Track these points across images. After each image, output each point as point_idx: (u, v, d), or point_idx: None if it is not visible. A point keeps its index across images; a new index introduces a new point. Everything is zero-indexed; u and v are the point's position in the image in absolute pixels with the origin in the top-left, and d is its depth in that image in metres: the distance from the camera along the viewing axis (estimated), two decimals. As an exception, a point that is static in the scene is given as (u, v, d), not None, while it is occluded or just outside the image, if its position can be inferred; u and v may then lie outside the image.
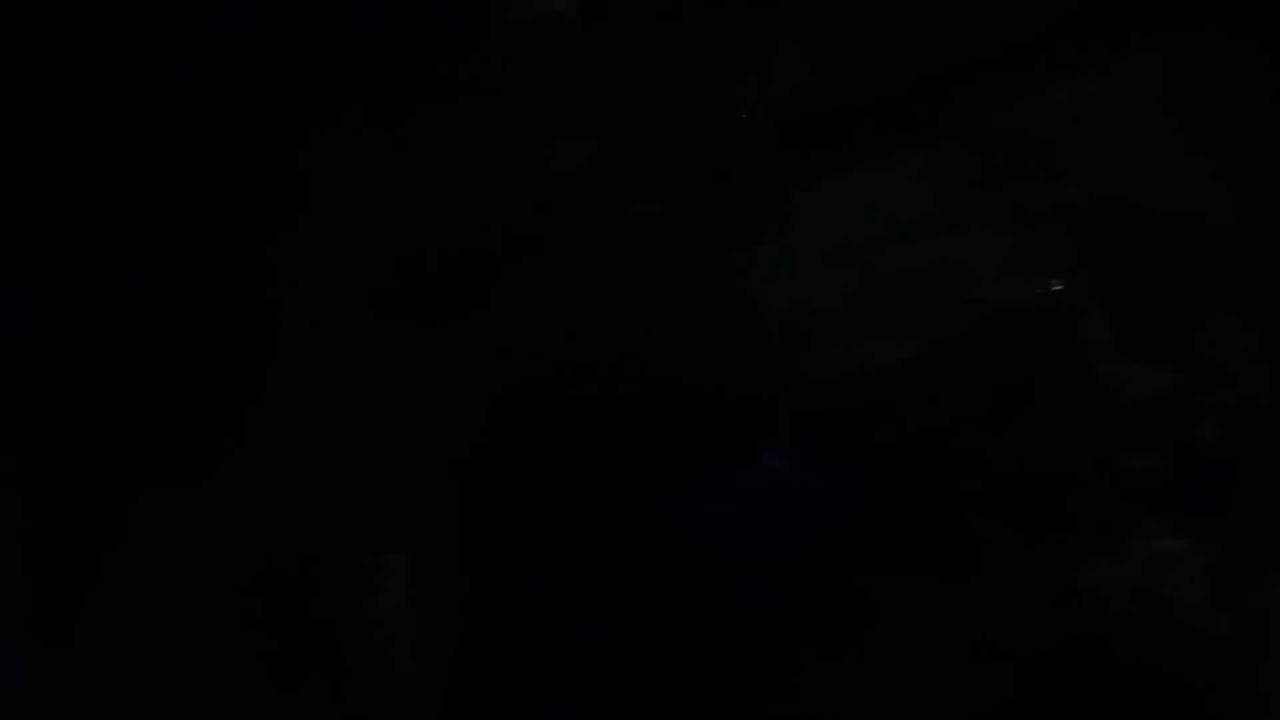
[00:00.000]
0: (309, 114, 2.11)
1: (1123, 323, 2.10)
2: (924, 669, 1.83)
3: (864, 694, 1.82)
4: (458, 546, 1.97)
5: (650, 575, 1.86)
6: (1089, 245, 2.11)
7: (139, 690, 1.92)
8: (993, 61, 2.25)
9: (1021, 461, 1.96)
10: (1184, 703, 1.80)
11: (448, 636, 1.94)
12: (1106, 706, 1.82)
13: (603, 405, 1.96)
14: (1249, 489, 1.94)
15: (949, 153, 2.26)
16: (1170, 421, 1.99)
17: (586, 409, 1.96)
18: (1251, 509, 1.92)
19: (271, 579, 1.95)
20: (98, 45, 2.09)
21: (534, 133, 2.15)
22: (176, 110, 2.10)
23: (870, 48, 2.19)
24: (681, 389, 1.97)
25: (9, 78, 2.11)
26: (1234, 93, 2.25)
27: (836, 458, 1.92)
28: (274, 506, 2.00)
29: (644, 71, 2.17)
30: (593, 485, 1.91)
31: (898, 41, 2.18)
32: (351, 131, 2.12)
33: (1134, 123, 2.26)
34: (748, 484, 1.88)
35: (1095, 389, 2.04)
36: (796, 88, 2.17)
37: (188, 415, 2.04)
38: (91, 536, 2.01)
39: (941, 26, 2.17)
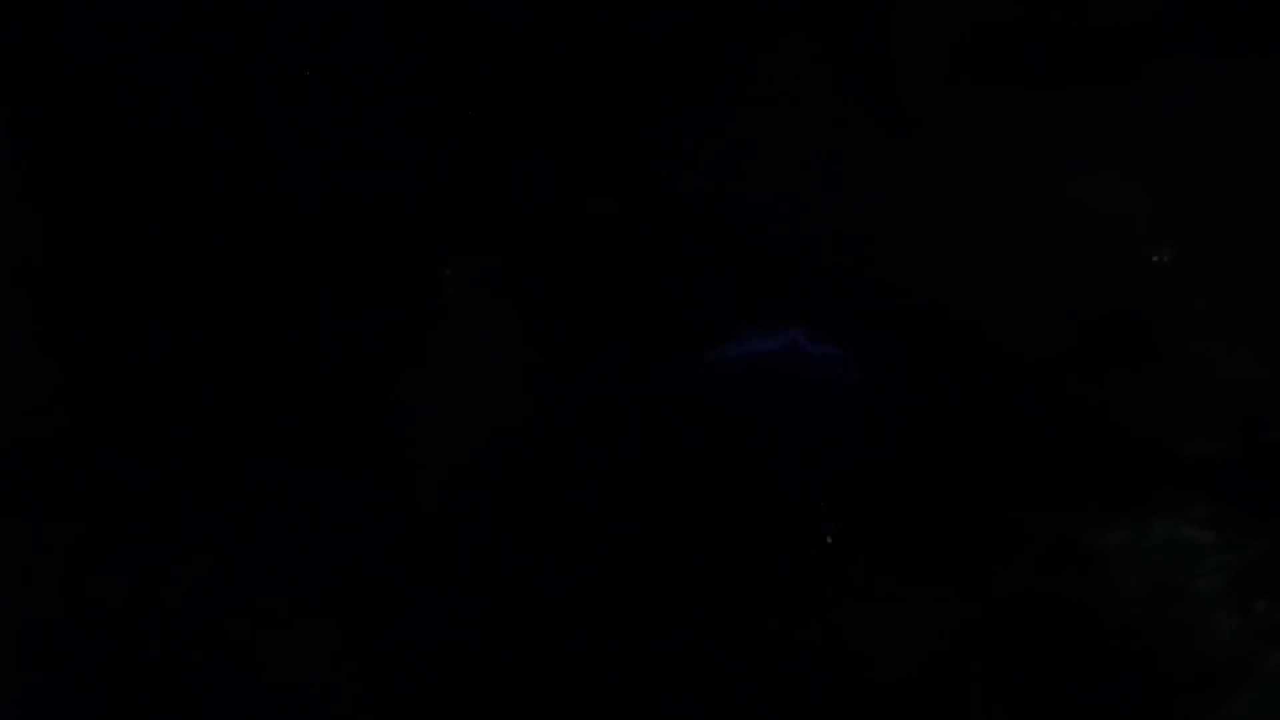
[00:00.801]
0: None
1: (1230, 309, 2.06)
2: (912, 593, 1.85)
3: (848, 614, 1.86)
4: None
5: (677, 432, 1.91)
6: (1225, 225, 2.07)
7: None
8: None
9: (1082, 413, 1.95)
10: (1164, 692, 1.80)
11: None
12: (1085, 672, 1.83)
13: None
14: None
15: (1114, 105, 2.21)
16: (1245, 413, 1.96)
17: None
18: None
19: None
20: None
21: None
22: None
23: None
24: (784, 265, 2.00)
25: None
26: None
27: (902, 356, 1.93)
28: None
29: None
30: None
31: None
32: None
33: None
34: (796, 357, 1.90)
35: (1182, 363, 2.01)
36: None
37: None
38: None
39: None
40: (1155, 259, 2.06)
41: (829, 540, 1.84)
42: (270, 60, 2.05)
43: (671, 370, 1.92)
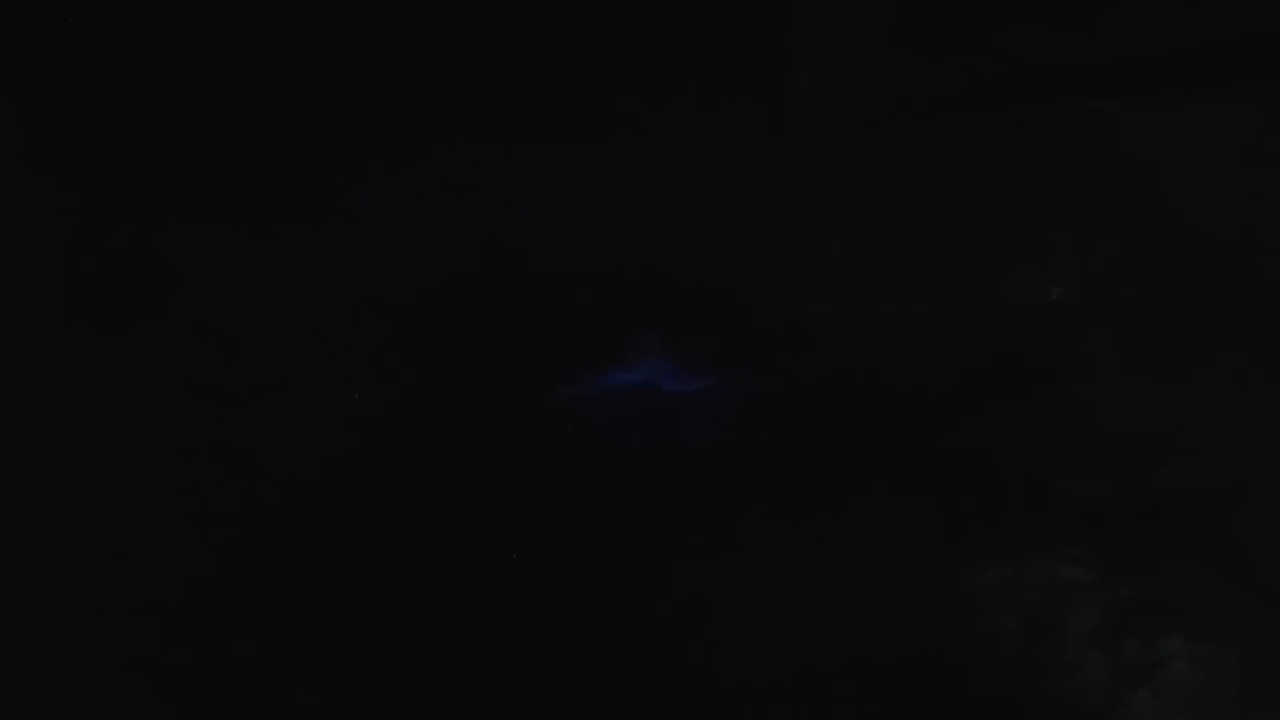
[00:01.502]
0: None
1: (1119, 351, 2.07)
2: (780, 624, 1.87)
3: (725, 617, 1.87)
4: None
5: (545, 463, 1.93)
6: (1118, 268, 2.08)
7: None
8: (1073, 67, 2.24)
9: (963, 449, 1.97)
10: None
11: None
12: (955, 708, 1.84)
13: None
14: (1177, 541, 1.91)
15: (1013, 145, 2.24)
16: (1127, 455, 1.97)
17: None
18: (1171, 560, 1.89)
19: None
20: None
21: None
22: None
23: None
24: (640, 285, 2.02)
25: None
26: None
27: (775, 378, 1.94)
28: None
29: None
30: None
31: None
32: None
33: (1209, 158, 2.20)
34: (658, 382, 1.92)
35: (1067, 403, 2.02)
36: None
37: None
38: None
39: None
40: (1047, 297, 2.08)
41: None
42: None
43: (530, 400, 1.95)
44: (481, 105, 2.28)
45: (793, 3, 2.14)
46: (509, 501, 1.93)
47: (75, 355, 2.11)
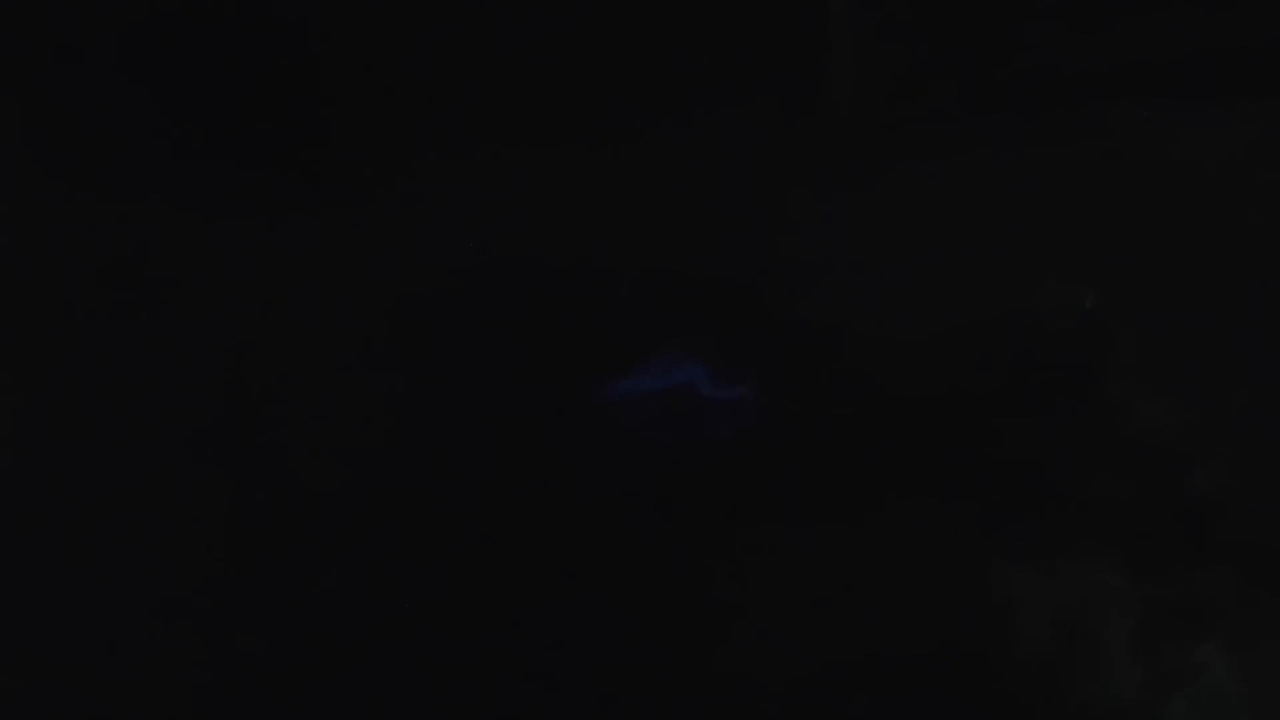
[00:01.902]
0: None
1: (1155, 355, 2.06)
2: (815, 629, 1.86)
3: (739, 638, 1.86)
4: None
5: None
6: (1153, 274, 2.08)
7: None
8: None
9: (997, 453, 1.96)
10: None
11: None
12: (990, 712, 1.83)
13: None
14: (1210, 548, 1.90)
15: (1046, 155, 2.24)
16: (1162, 459, 1.96)
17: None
18: (1203, 567, 1.88)
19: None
20: None
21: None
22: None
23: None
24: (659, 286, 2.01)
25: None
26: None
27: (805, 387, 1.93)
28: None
29: None
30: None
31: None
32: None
33: (1247, 163, 2.20)
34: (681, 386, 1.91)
35: (1101, 407, 2.01)
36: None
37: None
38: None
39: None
40: (1082, 303, 2.07)
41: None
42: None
43: (563, 403, 1.94)
44: (499, 103, 2.27)
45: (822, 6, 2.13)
46: (534, 501, 1.92)
47: (77, 354, 2.08)
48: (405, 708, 1.85)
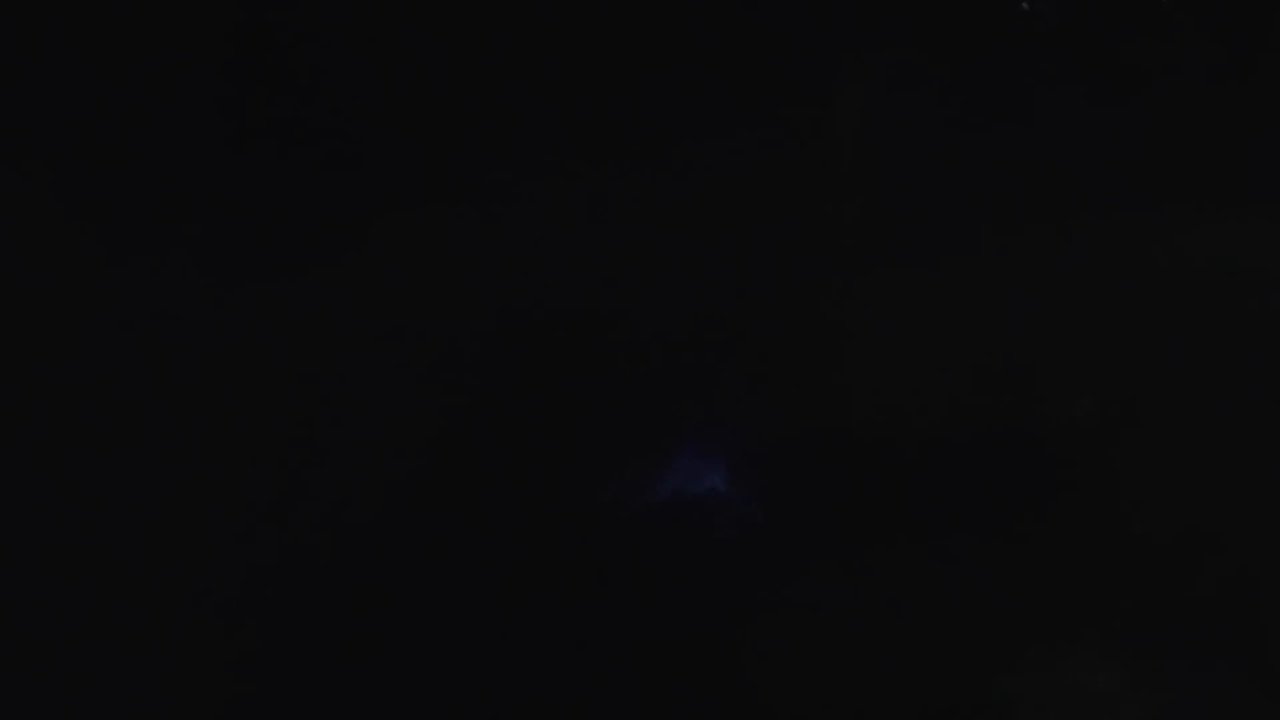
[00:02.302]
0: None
1: (1152, 463, 2.06)
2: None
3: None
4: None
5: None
6: (1148, 382, 2.08)
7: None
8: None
9: (999, 558, 1.96)
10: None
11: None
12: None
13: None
14: (1213, 648, 1.90)
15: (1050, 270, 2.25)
16: (1162, 568, 1.96)
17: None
18: (1203, 668, 1.88)
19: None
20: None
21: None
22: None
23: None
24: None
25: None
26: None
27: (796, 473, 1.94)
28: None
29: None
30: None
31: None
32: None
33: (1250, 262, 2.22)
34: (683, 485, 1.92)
35: (1101, 514, 2.01)
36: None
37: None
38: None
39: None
40: (1077, 411, 2.07)
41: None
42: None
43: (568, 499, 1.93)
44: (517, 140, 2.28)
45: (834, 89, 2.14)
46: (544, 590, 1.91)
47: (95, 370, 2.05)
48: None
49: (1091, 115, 2.22)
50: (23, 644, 1.87)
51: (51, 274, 2.14)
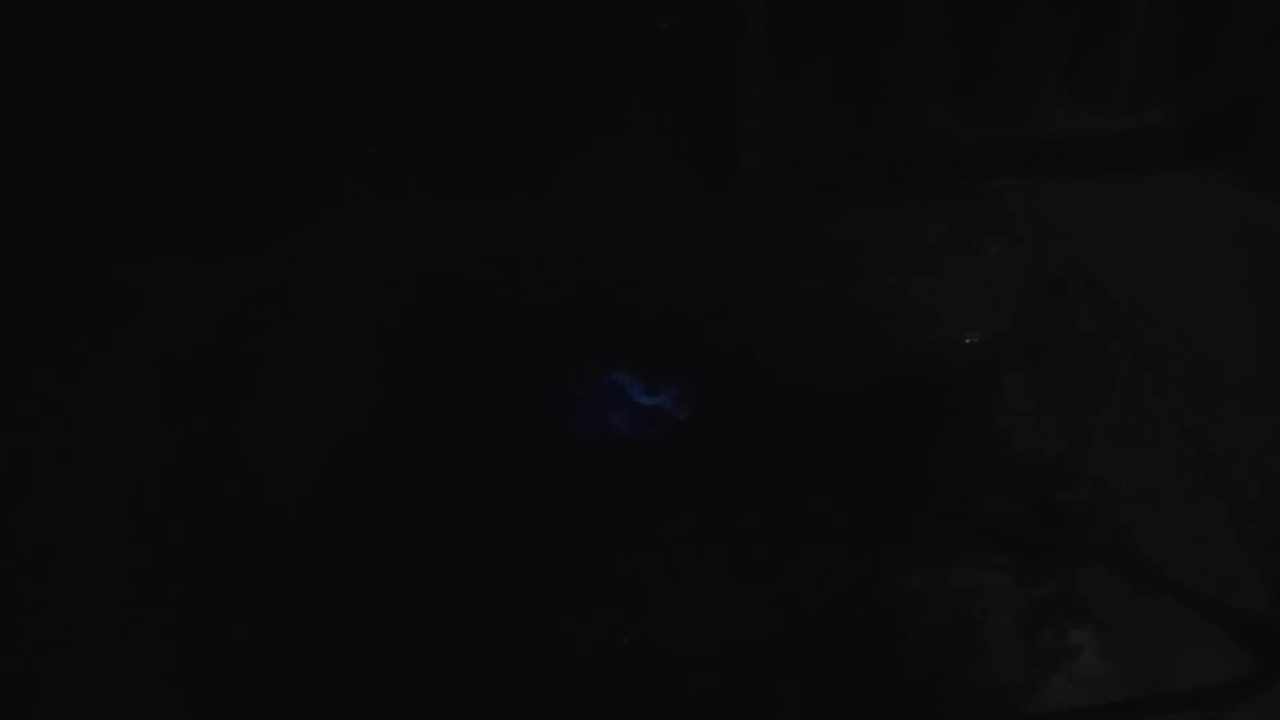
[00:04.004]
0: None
1: (1033, 388, 2.32)
2: (720, 608, 2.03)
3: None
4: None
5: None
6: (1027, 313, 2.34)
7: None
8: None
9: (895, 468, 2.19)
10: (959, 708, 2.00)
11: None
12: (885, 691, 2.02)
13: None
14: (1082, 548, 2.14)
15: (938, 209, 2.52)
16: (1039, 478, 2.20)
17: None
18: (1075, 564, 2.12)
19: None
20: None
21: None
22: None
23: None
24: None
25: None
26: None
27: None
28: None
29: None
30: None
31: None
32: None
33: (1112, 230, 2.48)
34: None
35: (987, 436, 2.26)
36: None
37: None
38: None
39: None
40: (967, 340, 2.34)
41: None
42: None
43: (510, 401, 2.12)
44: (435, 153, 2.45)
45: (739, 78, 2.36)
46: (486, 495, 2.08)
47: (40, 376, 2.19)
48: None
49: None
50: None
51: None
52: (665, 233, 2.51)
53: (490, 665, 1.95)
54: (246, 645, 1.97)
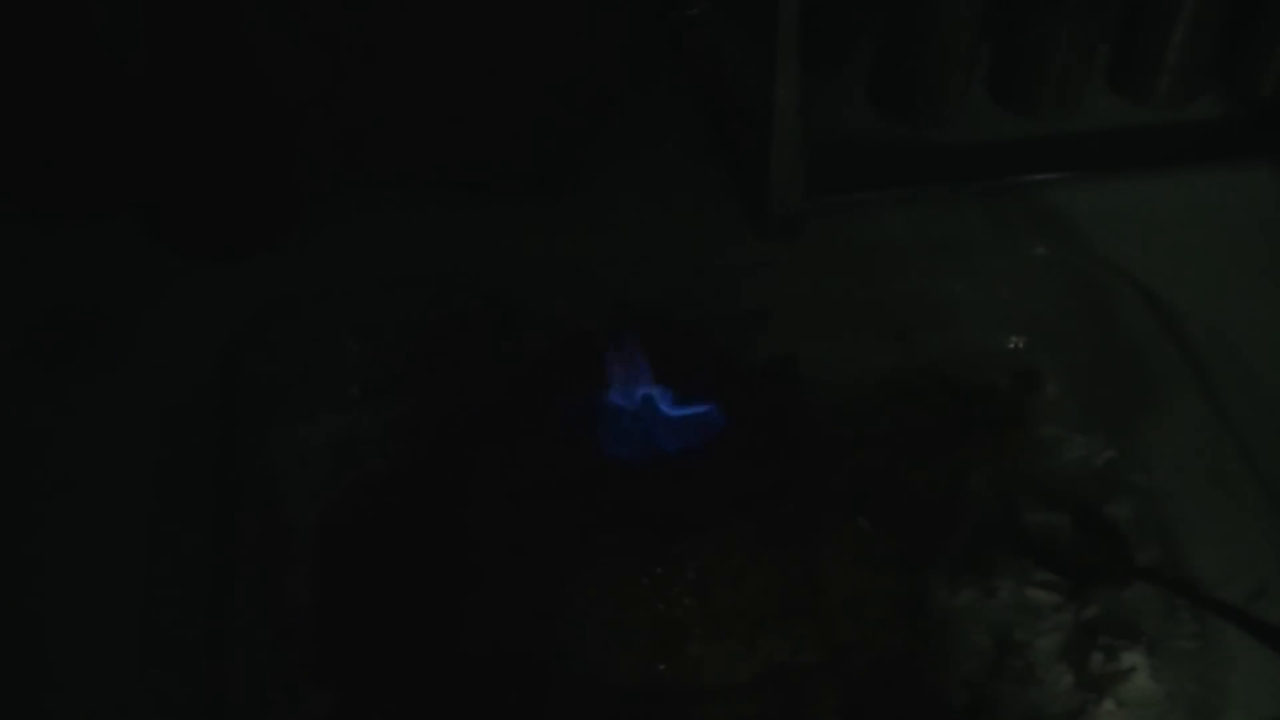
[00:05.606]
0: None
1: (1078, 395, 2.23)
2: (757, 638, 1.94)
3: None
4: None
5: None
6: (1071, 316, 2.25)
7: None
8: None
9: (936, 484, 2.10)
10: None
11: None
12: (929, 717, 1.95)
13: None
14: (1132, 565, 2.06)
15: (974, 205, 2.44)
16: (1084, 492, 2.12)
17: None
18: (1125, 582, 2.04)
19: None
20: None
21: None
22: None
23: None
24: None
25: None
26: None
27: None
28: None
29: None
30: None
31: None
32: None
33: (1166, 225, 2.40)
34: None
35: (1032, 445, 2.17)
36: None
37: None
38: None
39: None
40: (1011, 345, 2.25)
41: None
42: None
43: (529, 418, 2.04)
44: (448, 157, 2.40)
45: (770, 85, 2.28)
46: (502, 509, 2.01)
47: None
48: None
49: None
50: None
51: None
52: (696, 238, 2.44)
53: (517, 695, 1.88)
54: (258, 667, 1.92)
